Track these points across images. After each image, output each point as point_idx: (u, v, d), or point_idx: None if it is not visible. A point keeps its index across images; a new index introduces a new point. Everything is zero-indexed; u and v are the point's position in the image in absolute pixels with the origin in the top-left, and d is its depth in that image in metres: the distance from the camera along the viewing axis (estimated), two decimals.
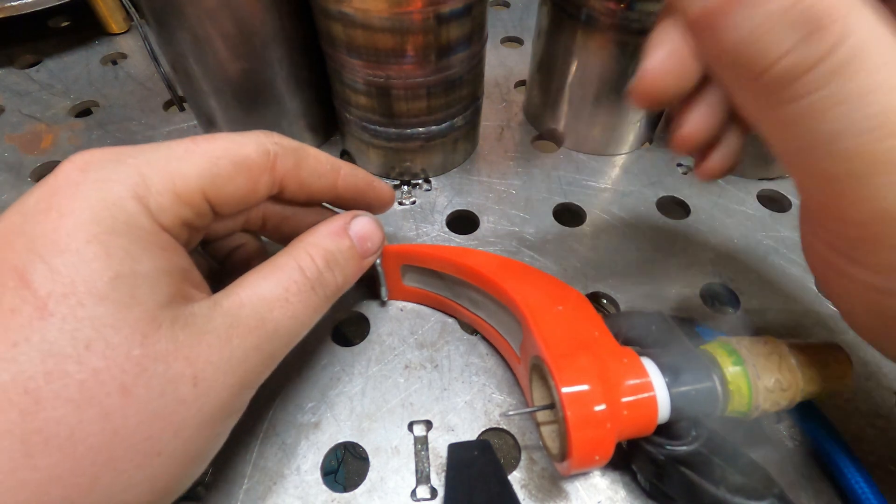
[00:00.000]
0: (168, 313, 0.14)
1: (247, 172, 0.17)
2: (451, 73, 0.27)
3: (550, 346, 0.18)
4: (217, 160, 0.16)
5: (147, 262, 0.14)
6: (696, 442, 0.17)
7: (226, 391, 0.15)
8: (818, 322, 0.25)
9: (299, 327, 0.17)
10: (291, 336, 0.17)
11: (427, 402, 0.22)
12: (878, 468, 0.20)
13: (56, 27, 0.44)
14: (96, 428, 0.12)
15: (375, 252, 0.21)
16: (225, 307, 0.15)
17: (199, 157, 0.16)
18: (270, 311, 0.16)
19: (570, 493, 0.20)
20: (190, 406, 0.14)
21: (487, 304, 0.23)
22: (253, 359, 0.16)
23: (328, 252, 0.18)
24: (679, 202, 0.31)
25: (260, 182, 0.18)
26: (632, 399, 0.17)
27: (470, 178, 0.32)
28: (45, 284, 0.12)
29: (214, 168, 0.16)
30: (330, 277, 0.18)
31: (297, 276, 0.17)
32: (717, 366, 0.17)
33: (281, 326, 0.16)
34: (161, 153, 0.15)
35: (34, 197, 0.14)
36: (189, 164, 0.16)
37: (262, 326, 0.16)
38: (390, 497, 0.19)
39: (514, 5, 0.48)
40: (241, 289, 0.16)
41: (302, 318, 0.17)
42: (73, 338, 0.12)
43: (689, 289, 0.26)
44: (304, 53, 0.29)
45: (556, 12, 0.29)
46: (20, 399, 0.12)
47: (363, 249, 0.20)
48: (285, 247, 0.19)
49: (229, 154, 0.17)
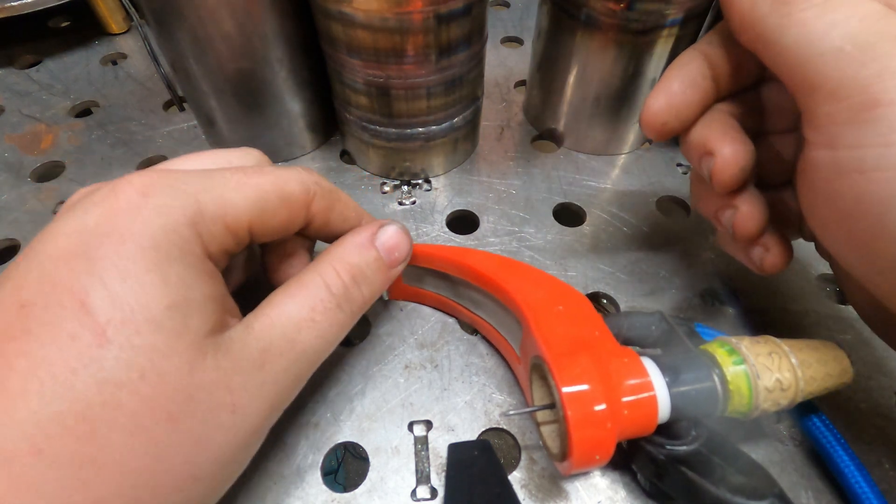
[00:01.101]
0: (211, 341, 0.14)
1: (289, 207, 0.17)
2: (451, 73, 0.27)
3: (551, 346, 0.18)
4: (266, 194, 0.16)
5: (198, 289, 0.14)
6: (696, 442, 0.17)
7: (259, 416, 0.15)
8: (818, 322, 0.25)
9: (326, 346, 0.17)
10: (319, 355, 0.17)
11: (427, 402, 0.22)
12: (877, 468, 0.20)
13: (56, 27, 0.44)
14: (143, 454, 0.13)
15: (404, 261, 0.20)
16: (257, 331, 0.15)
17: (251, 191, 0.16)
18: (298, 333, 0.16)
19: (571, 493, 0.20)
20: (227, 432, 0.14)
21: (488, 303, 0.23)
22: (283, 382, 0.16)
23: (354, 267, 0.18)
24: (679, 202, 0.31)
25: (298, 217, 0.18)
26: (632, 399, 0.17)
27: (470, 178, 0.32)
28: (105, 311, 0.13)
29: (262, 202, 0.16)
30: (356, 293, 0.18)
31: (323, 295, 0.17)
32: (717, 365, 0.17)
33: (309, 347, 0.16)
34: (216, 182, 0.16)
35: (93, 217, 0.14)
36: (241, 197, 0.16)
37: (291, 349, 0.16)
38: (390, 497, 0.19)
39: (514, 5, 0.48)
40: (269, 309, 0.16)
41: (328, 336, 0.17)
42: (129, 366, 0.13)
43: (689, 289, 0.26)
44: (304, 53, 0.29)
45: (556, 12, 0.29)
46: (77, 426, 0.12)
47: (391, 260, 0.20)
48: (312, 261, 0.19)
49: (276, 189, 0.17)
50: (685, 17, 0.26)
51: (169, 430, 0.13)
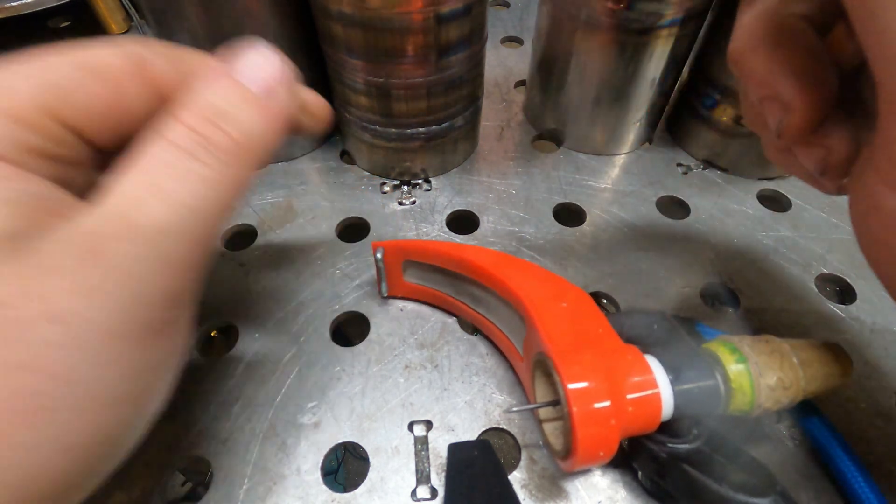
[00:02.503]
0: (9, 247, 0.11)
1: (104, 81, 0.14)
2: (451, 73, 0.27)
3: (555, 342, 0.18)
4: (61, 70, 0.13)
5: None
6: (697, 440, 0.17)
7: (107, 316, 0.12)
8: (818, 322, 0.25)
9: (192, 212, 0.13)
10: (186, 226, 0.13)
11: (427, 402, 0.22)
12: (878, 467, 0.20)
13: (56, 27, 0.44)
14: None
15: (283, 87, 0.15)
16: (82, 224, 0.12)
17: (35, 69, 0.13)
18: (138, 208, 0.12)
19: (571, 492, 0.19)
20: (59, 347, 0.11)
21: (490, 300, 0.23)
22: (140, 270, 0.12)
23: (203, 107, 0.14)
24: (679, 202, 0.31)
25: (126, 90, 0.14)
26: (636, 396, 0.17)
27: (470, 178, 0.32)
28: None
29: (57, 78, 0.13)
30: (218, 136, 0.13)
31: (165, 154, 0.13)
32: (719, 364, 0.17)
33: (161, 220, 0.12)
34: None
35: None
36: (21, 78, 0.13)
37: (131, 229, 0.12)
38: (390, 497, 0.19)
39: (514, 5, 0.48)
40: (102, 196, 0.13)
41: (188, 199, 0.13)
42: None
43: (689, 289, 0.26)
44: (304, 53, 0.29)
45: (556, 12, 0.29)
46: None
47: (261, 88, 0.14)
48: None
49: (77, 59, 0.14)
50: (685, 16, 0.26)
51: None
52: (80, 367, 0.12)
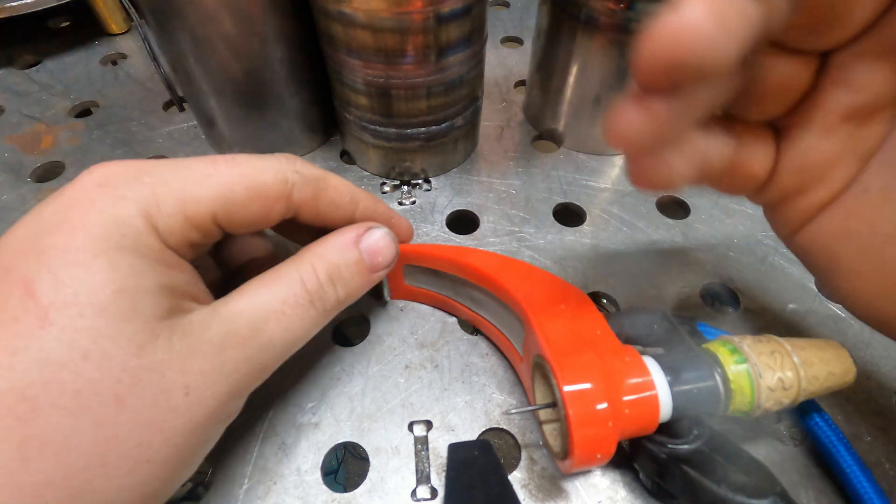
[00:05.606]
0: (167, 324, 0.14)
1: (262, 200, 0.17)
2: (451, 73, 0.27)
3: (552, 345, 0.18)
4: (232, 186, 0.16)
5: (150, 277, 0.14)
6: (697, 440, 0.17)
7: (216, 400, 0.15)
8: (818, 322, 0.25)
9: (293, 340, 0.17)
10: (285, 348, 0.17)
11: (427, 403, 0.22)
12: (878, 467, 0.20)
13: (56, 27, 0.44)
14: (90, 436, 0.13)
15: (387, 267, 0.20)
16: (222, 316, 0.15)
17: (216, 183, 0.16)
18: (266, 323, 0.16)
19: (571, 492, 0.19)
20: (181, 415, 0.14)
21: (489, 303, 0.23)
22: (244, 369, 0.16)
23: (332, 265, 0.18)
24: (679, 202, 0.31)
25: (274, 209, 0.17)
26: (634, 398, 0.17)
27: (470, 178, 0.32)
28: (48, 294, 0.13)
29: (229, 194, 0.16)
30: (331, 292, 0.18)
31: (296, 289, 0.17)
32: (719, 364, 0.17)
33: (275, 338, 0.16)
34: (179, 174, 0.16)
35: (51, 208, 0.14)
36: (204, 189, 0.16)
37: (255, 337, 0.16)
38: (390, 497, 0.19)
39: (514, 5, 0.48)
40: (240, 297, 0.16)
41: (297, 331, 0.17)
42: (71, 347, 0.13)
43: (689, 289, 0.26)
44: (304, 53, 0.29)
45: (556, 12, 0.29)
46: (18, 406, 0.12)
47: (372, 264, 0.19)
48: (293, 255, 0.18)
49: (246, 181, 0.16)
50: None
51: (116, 411, 0.13)
52: (185, 434, 0.14)
